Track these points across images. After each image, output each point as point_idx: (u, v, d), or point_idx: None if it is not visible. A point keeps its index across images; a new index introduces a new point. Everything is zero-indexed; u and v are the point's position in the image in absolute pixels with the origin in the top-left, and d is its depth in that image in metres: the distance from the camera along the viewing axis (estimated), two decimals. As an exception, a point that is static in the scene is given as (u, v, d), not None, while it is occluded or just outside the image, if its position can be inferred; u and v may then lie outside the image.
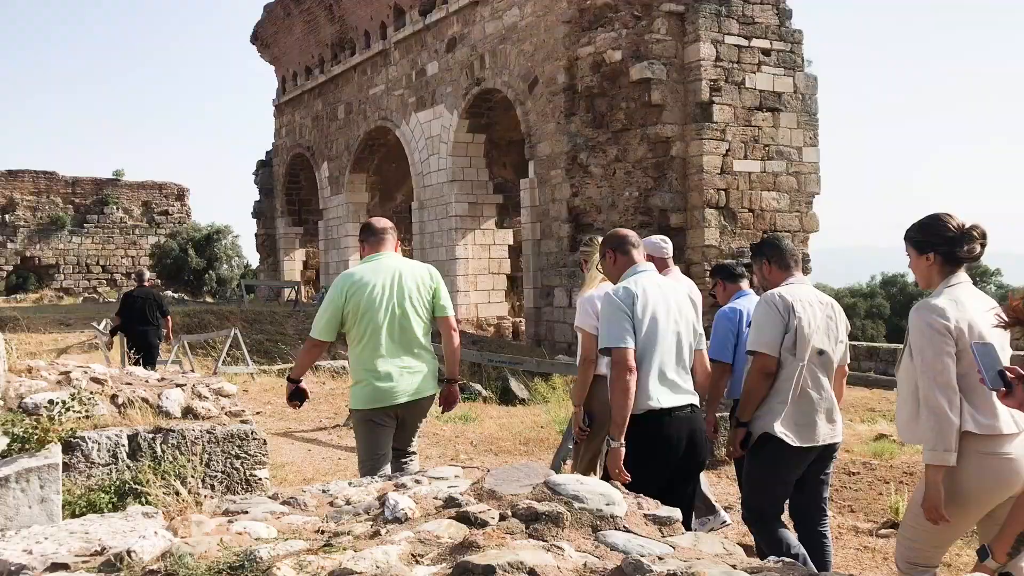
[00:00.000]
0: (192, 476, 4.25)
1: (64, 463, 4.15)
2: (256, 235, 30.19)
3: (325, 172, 26.12)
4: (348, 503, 2.61)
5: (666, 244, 5.73)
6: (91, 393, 4.70)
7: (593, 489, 2.28)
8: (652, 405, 3.67)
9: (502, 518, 2.19)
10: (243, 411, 5.07)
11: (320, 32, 25.91)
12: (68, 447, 4.25)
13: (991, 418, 3.07)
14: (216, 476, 4.59)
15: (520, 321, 19.42)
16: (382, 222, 4.95)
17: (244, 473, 4.69)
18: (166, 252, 35.61)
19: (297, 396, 4.74)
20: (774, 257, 4.44)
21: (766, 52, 15.60)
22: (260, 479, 4.73)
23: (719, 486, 6.85)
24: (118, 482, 4.28)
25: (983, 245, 3.32)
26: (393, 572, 1.91)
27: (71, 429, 4.24)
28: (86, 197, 39.91)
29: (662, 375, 3.72)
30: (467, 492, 2.44)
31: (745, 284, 4.59)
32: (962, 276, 3.30)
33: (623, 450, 3.61)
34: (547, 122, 16.95)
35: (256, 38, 29.34)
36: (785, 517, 4.36)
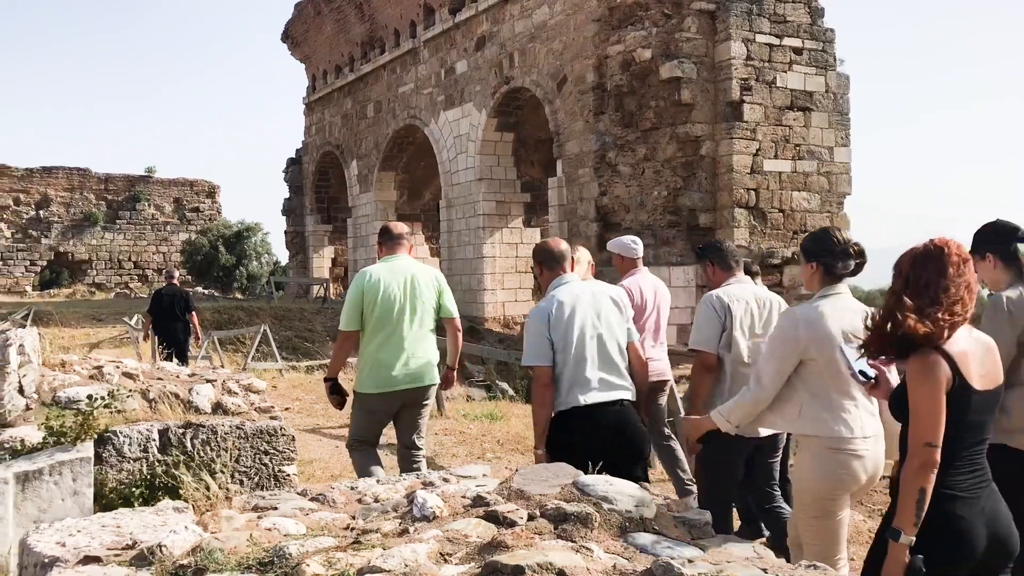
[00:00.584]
0: (221, 471, 4.28)
1: (96, 456, 4.20)
2: (285, 232, 30.38)
3: (354, 170, 26.25)
4: (376, 500, 2.62)
5: (636, 244, 6.14)
6: (123, 388, 4.75)
7: (622, 490, 2.27)
8: (577, 403, 3.97)
9: (530, 518, 2.19)
10: (272, 407, 5.10)
11: (350, 31, 26.02)
12: (100, 441, 4.29)
13: (839, 424, 3.37)
14: (245, 472, 4.62)
15: (547, 320, 19.41)
16: (399, 227, 5.35)
17: (272, 469, 4.71)
18: (197, 248, 35.94)
19: (337, 392, 5.16)
20: (716, 259, 4.74)
21: (797, 51, 15.48)
22: (288, 475, 4.75)
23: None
24: (149, 476, 4.32)
25: (859, 264, 3.57)
26: (421, 571, 1.91)
27: (104, 424, 4.29)
28: (118, 194, 40.38)
29: (585, 377, 4.01)
30: (495, 491, 2.44)
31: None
32: (840, 288, 3.54)
33: (544, 455, 3.91)
34: (576, 121, 16.92)
35: (287, 36, 29.53)
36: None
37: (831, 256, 3.50)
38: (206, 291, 34.13)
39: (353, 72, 26.09)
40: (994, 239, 3.85)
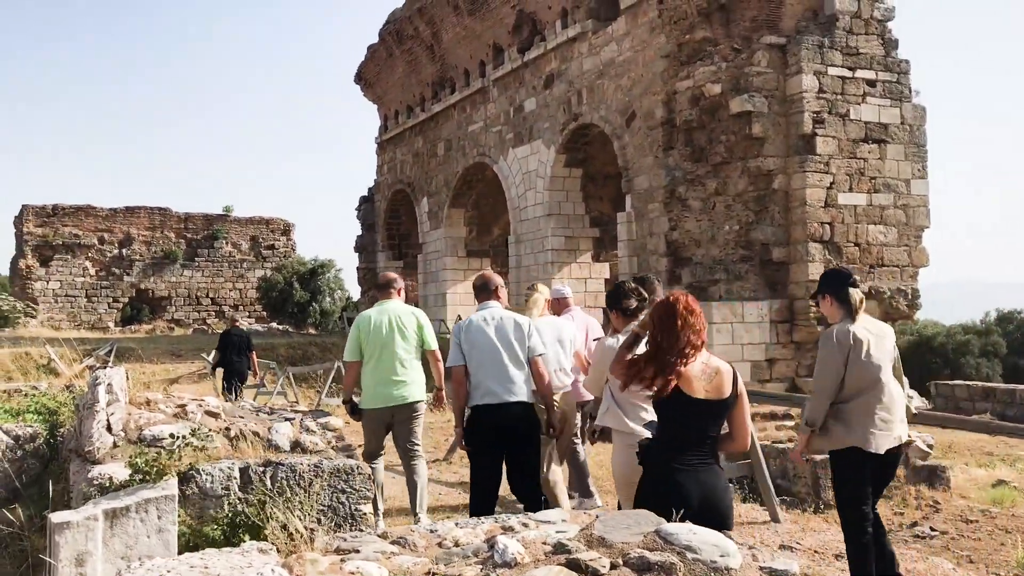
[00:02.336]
0: (300, 510, 4.34)
1: (179, 494, 4.29)
2: (358, 268, 30.87)
3: (425, 207, 26.59)
4: (456, 544, 2.62)
5: (565, 290, 7.46)
6: (205, 427, 4.86)
7: (706, 539, 2.24)
8: (477, 403, 5.31)
9: (613, 567, 2.17)
10: (349, 445, 5.16)
11: (421, 71, 26.51)
12: (183, 479, 4.39)
13: (634, 421, 4.48)
14: (323, 510, 4.67)
15: (617, 356, 19.28)
16: (387, 277, 6.59)
17: (349, 508, 4.75)
18: (272, 285, 36.71)
19: (355, 412, 6.31)
20: (648, 289, 5.71)
21: (871, 83, 15.25)
22: (364, 514, 4.79)
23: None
24: (230, 514, 4.39)
25: (640, 301, 4.89)
26: (505, 620, 1.90)
27: (188, 462, 4.39)
28: (197, 232, 41.56)
29: (486, 383, 5.30)
30: (576, 538, 2.42)
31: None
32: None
33: (462, 431, 5.48)
34: (645, 156, 16.90)
35: (360, 78, 30.20)
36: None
37: (617, 299, 4.94)
38: (280, 327, 34.78)
39: (424, 112, 26.53)
40: (832, 283, 4.81)
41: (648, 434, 4.15)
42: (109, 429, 4.82)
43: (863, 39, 15.25)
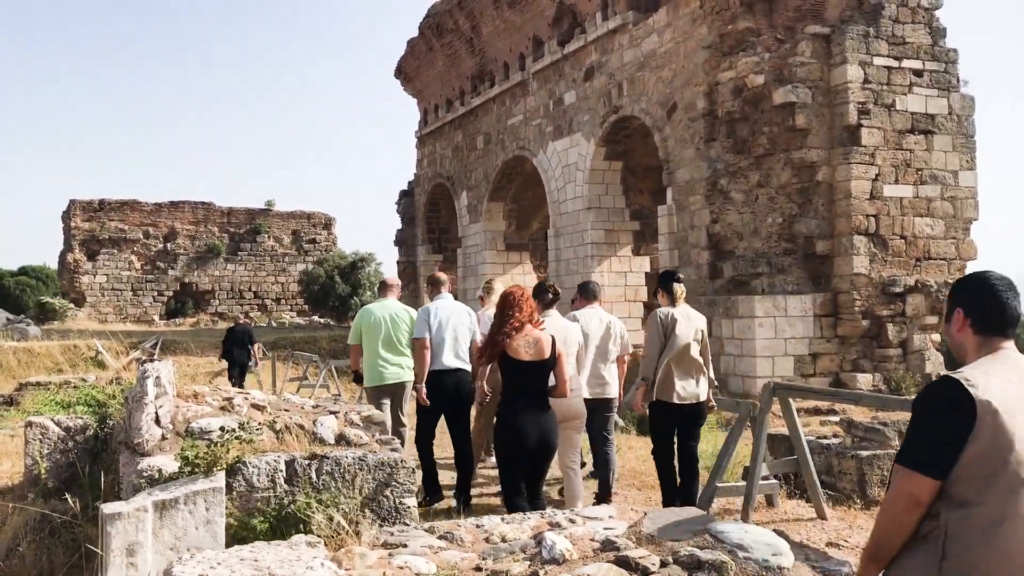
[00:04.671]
0: (346, 504, 4.36)
1: (226, 486, 4.33)
2: (398, 262, 31.03)
3: (464, 201, 26.64)
4: (503, 540, 2.62)
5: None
6: (252, 420, 4.91)
7: (758, 539, 2.21)
8: (435, 368, 6.95)
9: (663, 564, 2.15)
10: (392, 439, 5.18)
11: (461, 65, 26.54)
12: (230, 471, 4.43)
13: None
14: (367, 504, 4.70)
15: (658, 349, 19.16)
16: (389, 279, 8.12)
17: (393, 501, 4.77)
18: (313, 279, 37.03)
19: (359, 379, 7.76)
20: (583, 294, 7.71)
21: (918, 73, 14.97)
22: (409, 507, 4.80)
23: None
24: (276, 507, 4.43)
25: (554, 295, 6.83)
26: (556, 617, 1.89)
27: (235, 455, 4.43)
28: (240, 226, 42.05)
29: (444, 354, 6.99)
30: (625, 535, 2.40)
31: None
32: (551, 312, 6.68)
33: (425, 389, 6.95)
34: (686, 148, 16.76)
35: (400, 72, 30.32)
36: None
37: (540, 294, 6.63)
38: (322, 320, 35.09)
39: (463, 105, 26.56)
40: (662, 280, 6.59)
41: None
42: (158, 422, 4.89)
43: (909, 28, 14.97)
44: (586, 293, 7.66)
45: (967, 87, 15.39)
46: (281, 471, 4.62)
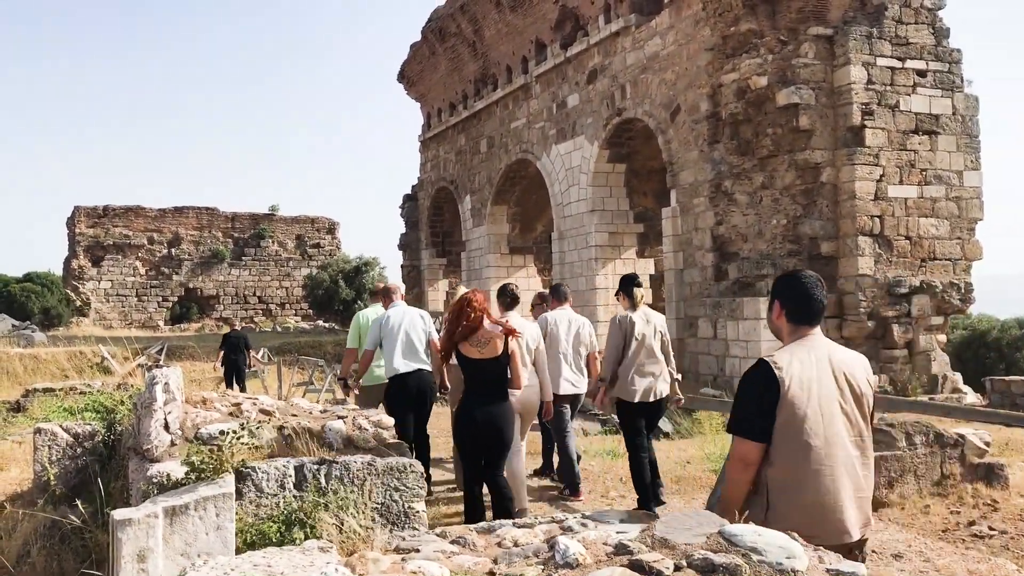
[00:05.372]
0: (355, 508, 4.37)
1: (236, 491, 4.34)
2: (402, 266, 31.06)
3: (468, 204, 26.66)
4: (516, 544, 2.62)
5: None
6: (260, 424, 4.92)
7: (772, 541, 2.21)
8: (394, 373, 7.32)
9: (676, 568, 2.15)
10: (401, 443, 5.19)
11: (464, 69, 26.57)
12: (240, 476, 4.44)
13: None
14: (376, 508, 4.70)
15: (663, 352, 19.14)
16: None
17: (403, 505, 4.78)
18: (318, 283, 37.07)
19: (347, 386, 7.96)
20: (555, 296, 8.16)
21: (921, 73, 14.97)
22: (418, 512, 4.81)
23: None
24: (286, 512, 4.44)
25: (512, 299, 7.13)
26: (571, 621, 1.90)
27: (243, 460, 4.44)
28: (244, 231, 42.10)
29: (398, 358, 7.35)
30: (638, 539, 2.41)
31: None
32: (511, 313, 7.01)
33: (356, 390, 7.72)
34: (690, 150, 16.77)
35: (403, 76, 30.36)
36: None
37: (502, 296, 7.22)
38: (327, 324, 35.11)
39: (466, 109, 26.59)
40: (623, 284, 6.99)
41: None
42: (167, 427, 4.90)
43: (912, 28, 14.97)
44: (558, 295, 8.19)
45: (971, 87, 15.39)
46: (290, 476, 4.63)
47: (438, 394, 7.64)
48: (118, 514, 3.94)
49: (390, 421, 5.45)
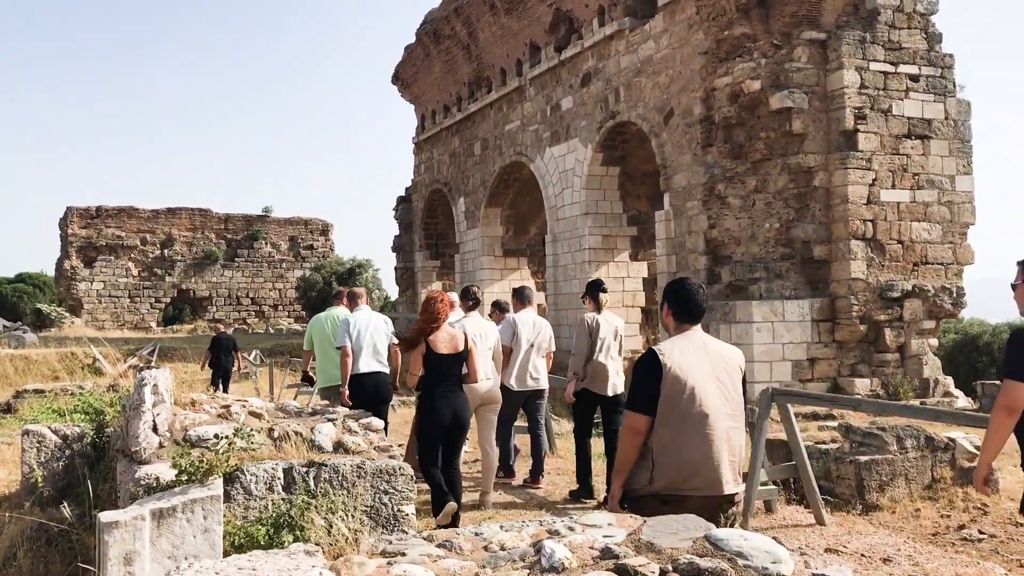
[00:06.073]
0: (344, 511, 4.36)
1: (224, 494, 4.32)
2: (396, 268, 31.03)
3: (461, 207, 26.65)
4: (503, 548, 2.61)
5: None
6: (250, 428, 4.90)
7: (758, 546, 2.20)
8: (356, 372, 7.69)
9: (662, 572, 2.14)
10: (391, 446, 5.17)
11: (458, 71, 26.56)
12: (228, 479, 4.42)
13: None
14: (366, 511, 4.69)
15: (656, 355, 19.14)
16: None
17: (392, 508, 4.77)
18: (311, 285, 37.03)
19: (308, 381, 8.91)
20: (519, 298, 8.57)
21: (914, 78, 15.00)
22: (407, 515, 4.80)
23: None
24: (274, 514, 4.42)
25: (474, 300, 8.02)
26: (555, 626, 1.89)
27: (232, 463, 4.42)
28: (237, 233, 42.03)
29: (363, 359, 7.73)
30: (624, 543, 2.40)
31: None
32: (473, 314, 7.86)
33: (347, 391, 7.70)
34: (683, 153, 16.79)
35: (397, 78, 30.34)
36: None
37: (464, 298, 8.16)
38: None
39: (460, 111, 26.58)
40: (589, 289, 7.79)
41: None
42: (155, 430, 4.88)
43: (905, 33, 15.01)
44: (522, 298, 8.66)
45: (963, 92, 15.44)
46: (279, 479, 4.61)
47: (394, 395, 8.20)
48: (105, 516, 3.92)
49: (380, 424, 5.44)
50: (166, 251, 40.64)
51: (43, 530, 4.99)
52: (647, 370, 3.77)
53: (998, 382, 16.68)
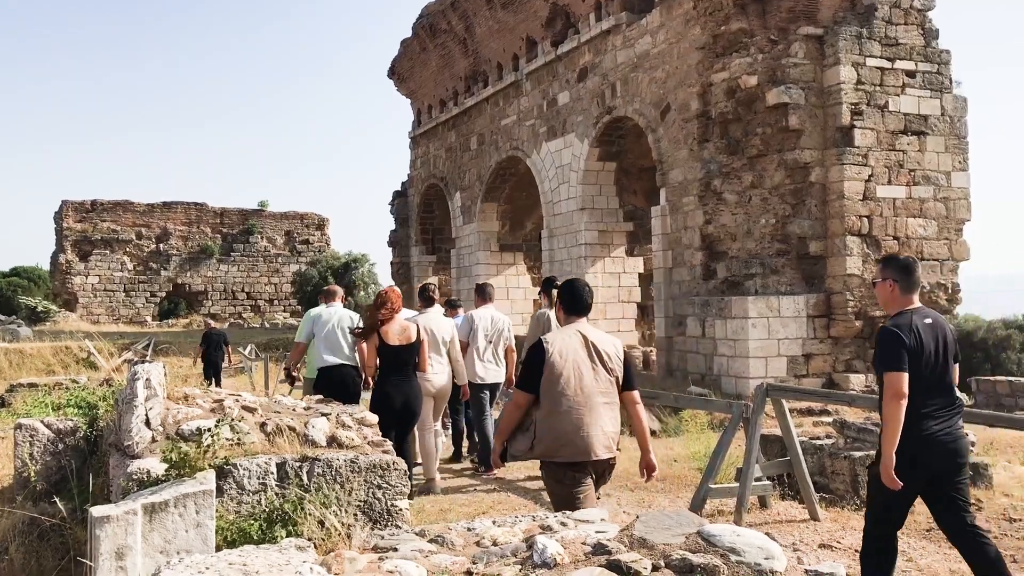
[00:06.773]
0: (337, 506, 4.34)
1: (216, 488, 4.30)
2: (391, 263, 30.98)
3: (458, 202, 26.62)
4: (495, 544, 2.60)
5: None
6: (242, 421, 4.88)
7: (751, 542, 2.19)
8: (323, 364, 7.90)
9: (655, 568, 2.13)
10: (385, 441, 5.15)
11: (454, 66, 26.51)
12: (221, 473, 4.40)
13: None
14: (359, 506, 4.67)
15: (651, 350, 19.18)
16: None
17: (385, 503, 4.75)
18: (307, 279, 36.96)
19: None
20: (479, 294, 9.14)
21: (911, 74, 14.99)
22: (400, 510, 4.77)
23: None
24: (267, 509, 4.40)
25: (430, 295, 8.44)
26: (546, 622, 1.87)
27: (224, 457, 4.40)
28: (233, 227, 41.94)
29: (327, 351, 7.96)
30: (616, 539, 2.39)
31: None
32: (430, 309, 8.41)
33: (297, 375, 8.49)
34: (679, 149, 16.77)
35: (393, 72, 30.27)
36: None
37: (422, 294, 8.59)
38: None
39: (457, 106, 26.53)
40: (544, 285, 8.30)
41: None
42: (148, 424, 4.85)
43: (902, 29, 14.99)
44: (482, 294, 9.10)
45: (960, 88, 15.43)
46: (272, 473, 4.59)
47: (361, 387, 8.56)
48: (96, 511, 3.90)
49: (374, 419, 5.42)
50: (161, 245, 40.55)
51: (35, 525, 4.96)
52: (533, 355, 4.54)
53: (992, 378, 16.72)
